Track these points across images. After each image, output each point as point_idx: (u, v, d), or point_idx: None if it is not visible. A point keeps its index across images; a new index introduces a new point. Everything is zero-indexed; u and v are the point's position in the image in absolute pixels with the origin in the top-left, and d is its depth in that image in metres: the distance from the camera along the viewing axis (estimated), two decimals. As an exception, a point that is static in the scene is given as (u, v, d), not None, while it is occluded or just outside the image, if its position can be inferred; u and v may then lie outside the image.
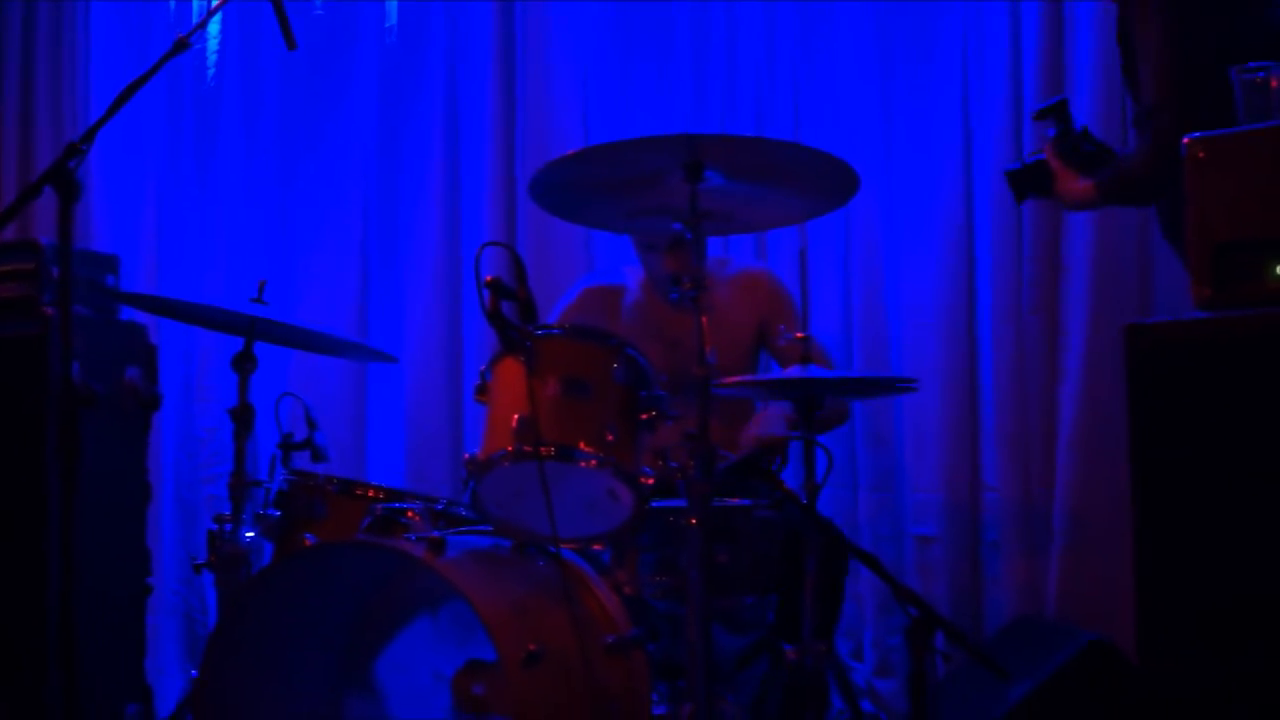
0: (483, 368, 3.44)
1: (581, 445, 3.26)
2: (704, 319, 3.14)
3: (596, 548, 3.62)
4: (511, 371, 3.31)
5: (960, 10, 5.00)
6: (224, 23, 5.84)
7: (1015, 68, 4.88)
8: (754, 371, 4.70)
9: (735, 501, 3.59)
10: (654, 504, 3.38)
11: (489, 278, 3.18)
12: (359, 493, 3.79)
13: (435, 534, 3.29)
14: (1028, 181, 4.06)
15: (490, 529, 3.53)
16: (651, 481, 3.31)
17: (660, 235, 4.28)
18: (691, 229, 3.21)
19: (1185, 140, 2.83)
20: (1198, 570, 2.67)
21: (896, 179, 5.06)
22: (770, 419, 4.30)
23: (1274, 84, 2.95)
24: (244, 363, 3.88)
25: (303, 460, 3.98)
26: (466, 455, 3.39)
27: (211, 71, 5.86)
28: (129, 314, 4.91)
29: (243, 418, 3.88)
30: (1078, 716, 3.90)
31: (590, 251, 5.40)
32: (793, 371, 3.59)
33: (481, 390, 3.43)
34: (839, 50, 5.16)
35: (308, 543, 3.71)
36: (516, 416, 3.24)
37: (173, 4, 5.89)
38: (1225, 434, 2.66)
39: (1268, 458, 2.62)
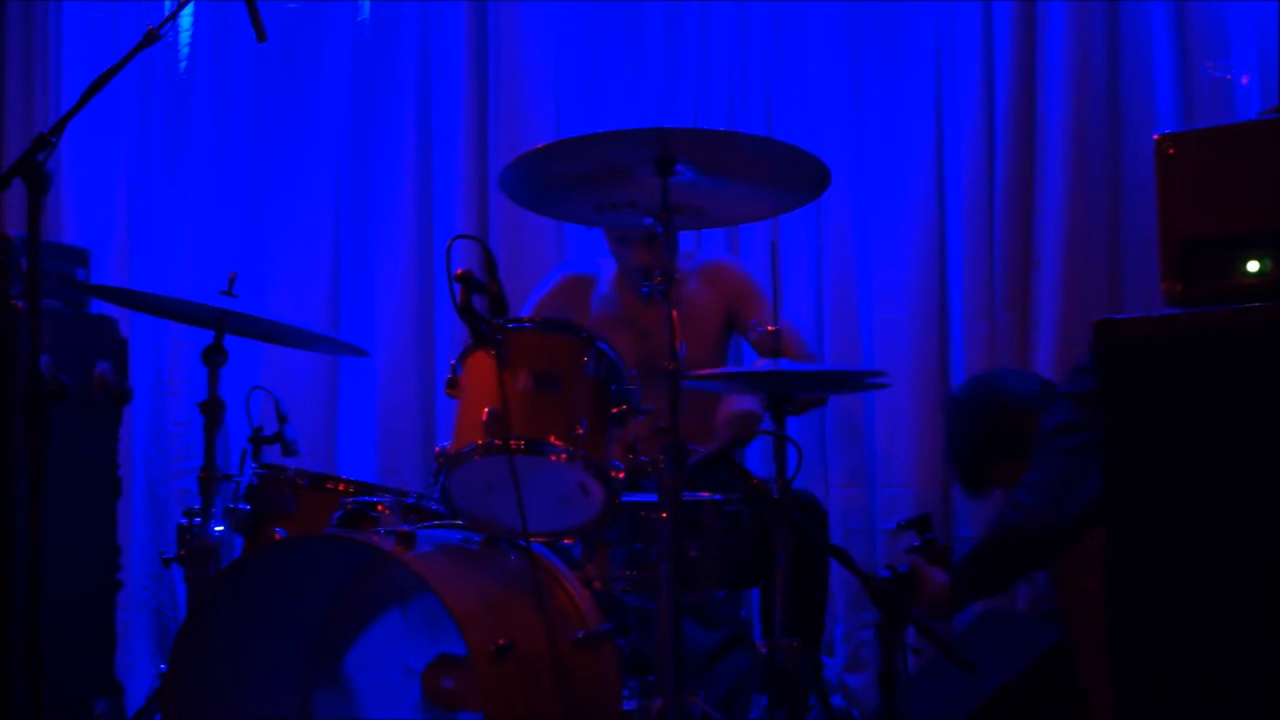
0: (453, 361, 3.43)
1: (552, 439, 3.24)
2: (674, 312, 3.14)
3: (567, 542, 3.61)
4: (482, 365, 3.30)
5: (932, 8, 5.01)
6: (196, 15, 5.82)
7: (987, 64, 4.89)
8: (723, 362, 4.71)
9: (706, 496, 3.59)
10: (624, 498, 3.37)
11: (459, 271, 3.16)
12: (329, 486, 3.79)
13: (405, 528, 3.28)
14: (899, 590, 3.95)
15: (461, 523, 3.52)
16: (622, 475, 3.30)
17: (632, 229, 4.28)
18: (662, 223, 3.21)
19: (1155, 137, 2.83)
20: (1168, 565, 2.67)
21: (869, 174, 5.07)
22: (743, 397, 4.31)
23: (1244, 81, 2.95)
24: (214, 356, 3.87)
25: (273, 454, 3.97)
26: (437, 449, 3.39)
27: (183, 64, 5.84)
28: (99, 307, 4.89)
29: (212, 411, 3.87)
30: (1048, 711, 3.91)
31: (562, 244, 5.40)
32: (763, 365, 3.59)
33: (452, 384, 3.41)
34: (811, 47, 5.18)
35: (277, 537, 3.70)
36: (487, 410, 3.22)
37: (145, -5, 5.88)
38: (1194, 429, 2.66)
39: (1237, 452, 2.63)
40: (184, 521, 3.85)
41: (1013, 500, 3.44)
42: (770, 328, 3.61)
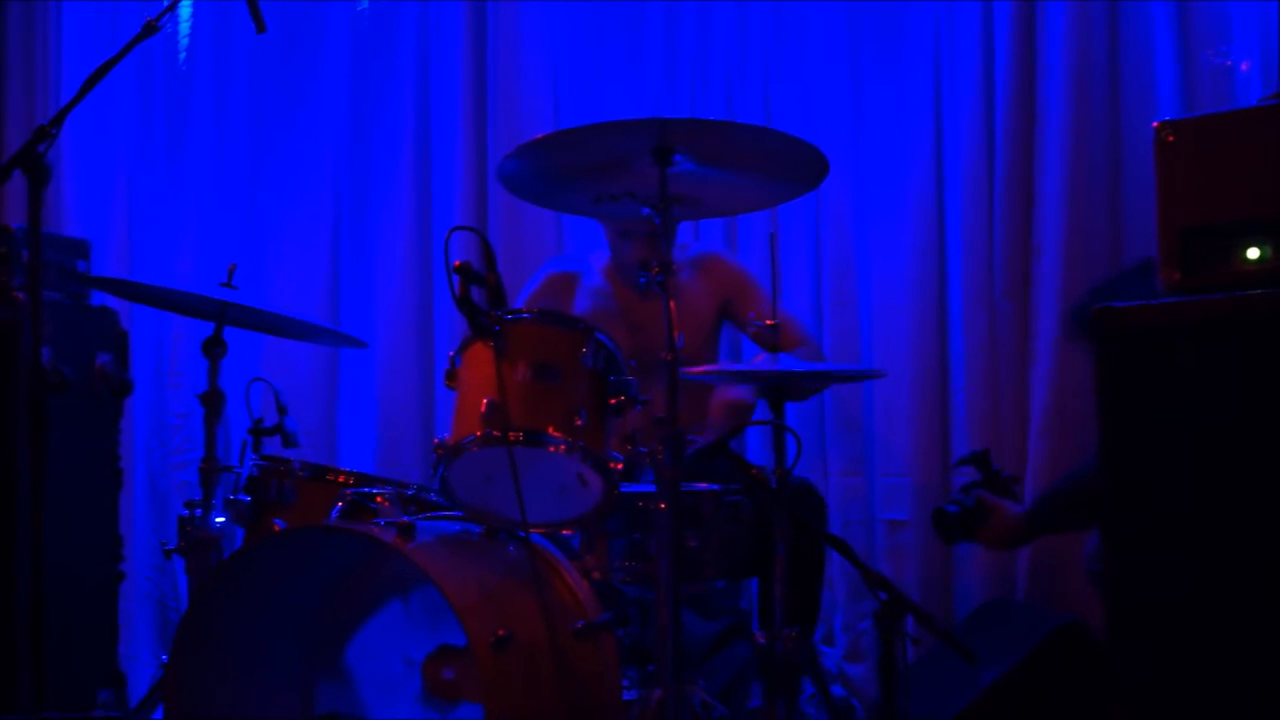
0: (452, 353, 3.43)
1: (550, 430, 3.25)
2: (671, 304, 3.14)
3: (566, 533, 3.62)
4: (481, 356, 3.30)
5: (931, -2, 5.01)
6: (195, 6, 5.81)
7: (987, 52, 4.88)
8: (715, 354, 4.72)
9: (705, 486, 3.59)
10: (623, 489, 3.37)
11: (457, 262, 3.16)
12: (329, 478, 3.80)
13: (405, 519, 3.28)
14: (960, 525, 4.08)
15: (460, 514, 3.52)
16: (620, 466, 3.31)
17: (635, 223, 4.28)
18: (660, 213, 3.21)
19: (1154, 124, 2.84)
20: (1166, 552, 2.68)
21: (867, 165, 5.07)
22: (736, 387, 4.32)
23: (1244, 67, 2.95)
24: (214, 348, 3.88)
25: (273, 445, 3.98)
26: (436, 440, 3.39)
27: (183, 55, 5.83)
28: (100, 299, 4.90)
29: (213, 403, 3.89)
30: (1048, 699, 3.92)
31: (561, 236, 5.40)
32: (760, 363, 3.59)
33: (451, 375, 3.41)
34: (810, 39, 5.16)
35: (278, 528, 3.71)
36: (485, 401, 3.23)
37: (146, -14, 5.87)
38: (1193, 416, 2.67)
39: (1235, 439, 2.63)
40: (185, 513, 3.87)
41: None
42: (769, 321, 3.61)
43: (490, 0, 5.49)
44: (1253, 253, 2.71)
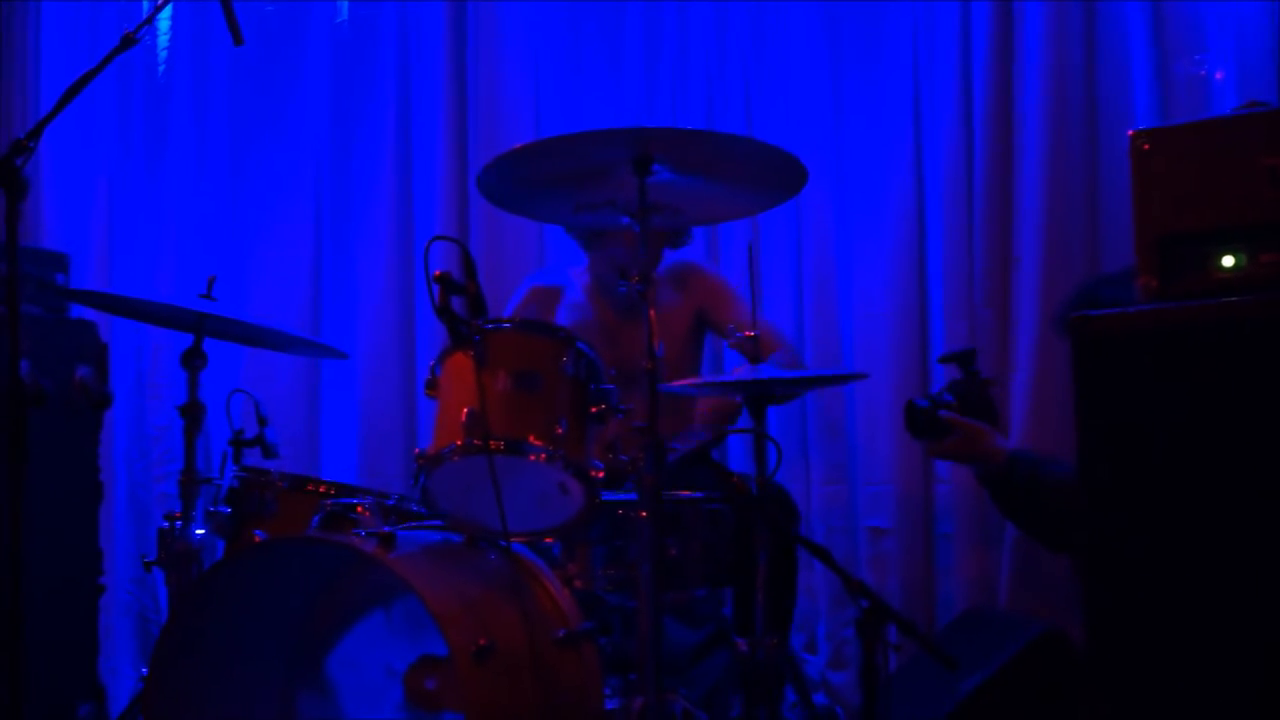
0: (433, 362, 3.43)
1: (531, 439, 3.25)
2: (651, 312, 3.15)
3: (547, 541, 3.62)
4: (461, 366, 3.30)
5: (910, 7, 5.02)
6: (174, 18, 5.81)
7: (965, 62, 4.89)
8: (696, 362, 4.73)
9: (686, 494, 3.59)
10: (604, 497, 3.38)
11: (438, 272, 3.17)
12: (309, 489, 3.80)
13: (386, 529, 3.28)
14: (929, 421, 4.09)
15: (441, 523, 3.52)
16: (601, 475, 3.31)
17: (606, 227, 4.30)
18: (640, 222, 3.21)
19: (1129, 133, 2.85)
20: (1145, 559, 2.69)
21: (848, 173, 5.08)
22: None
23: (1219, 76, 2.96)
24: (193, 359, 3.88)
25: (254, 457, 3.97)
26: (417, 450, 3.39)
27: (162, 67, 5.84)
28: (79, 311, 4.90)
29: (193, 415, 3.88)
30: (1029, 707, 3.92)
31: (543, 245, 5.41)
32: (742, 373, 3.60)
33: (432, 385, 3.42)
34: (790, 47, 5.18)
35: (258, 539, 3.70)
36: (466, 410, 3.23)
37: (124, -1, 5.87)
38: (1171, 423, 2.68)
39: (1212, 446, 2.64)
40: (165, 525, 3.86)
41: None
42: (749, 333, 3.62)
43: (471, 8, 5.50)
44: (1228, 260, 2.73)
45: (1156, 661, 2.66)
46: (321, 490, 3.77)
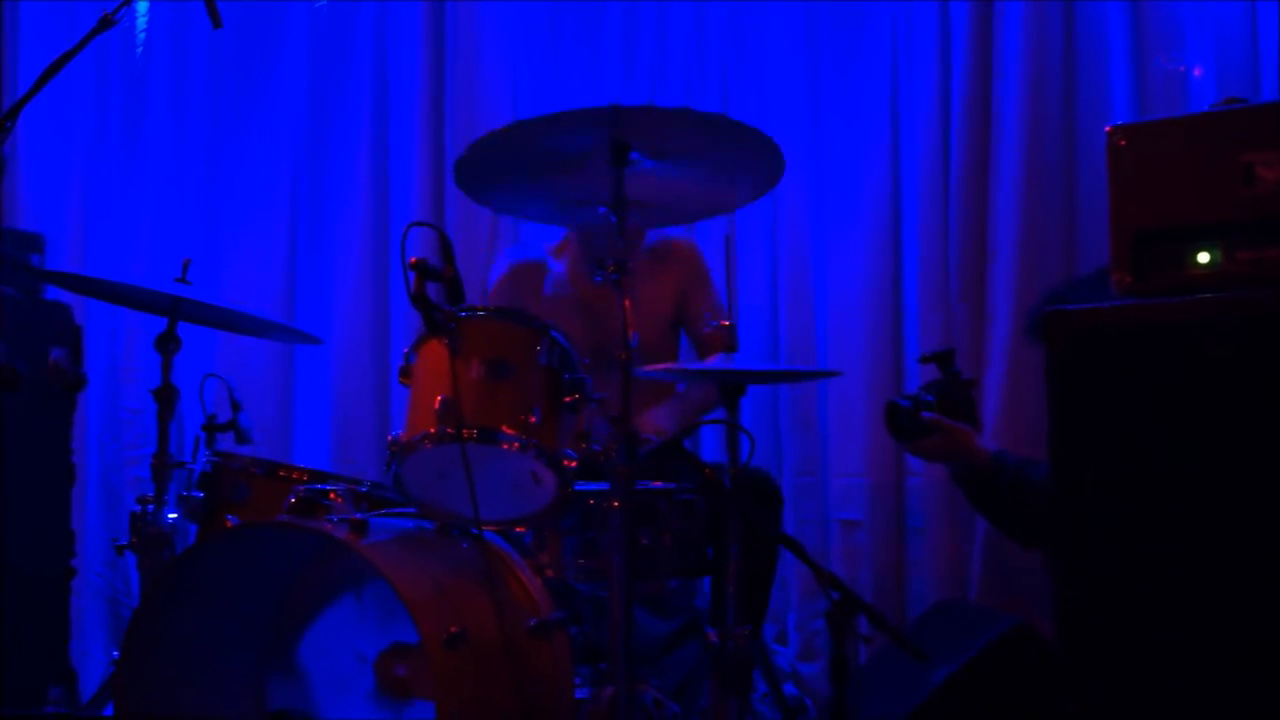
0: (407, 349, 3.42)
1: (504, 428, 3.24)
2: (626, 302, 3.14)
3: (519, 530, 3.62)
4: (435, 353, 3.29)
5: (889, 2, 5.03)
6: (153, 1, 5.79)
7: (944, 56, 4.90)
8: (675, 348, 4.72)
9: (659, 484, 3.59)
10: (577, 486, 3.37)
11: (413, 259, 3.16)
12: (282, 474, 3.79)
13: (358, 516, 3.27)
14: (910, 422, 4.09)
15: (413, 511, 3.52)
16: (574, 464, 3.30)
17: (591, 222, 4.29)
18: (617, 214, 3.20)
19: (1107, 129, 2.85)
20: (1117, 554, 2.69)
21: (825, 167, 5.09)
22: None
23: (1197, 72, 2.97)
24: (167, 343, 3.87)
25: (227, 442, 3.96)
26: (390, 437, 3.37)
27: (140, 50, 5.81)
28: (54, 293, 4.88)
29: (166, 399, 3.87)
30: (998, 699, 3.93)
31: (518, 232, 5.40)
32: (717, 362, 3.60)
33: (406, 372, 3.41)
34: (769, 40, 5.19)
35: (230, 524, 3.69)
36: (439, 398, 3.22)
37: (103, -21, 5.84)
38: (1144, 419, 2.68)
39: (1185, 443, 2.65)
40: (137, 509, 3.84)
41: None
42: (725, 322, 3.62)
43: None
44: (1203, 257, 2.73)
45: (1126, 656, 2.67)
46: (294, 476, 3.77)
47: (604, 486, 3.32)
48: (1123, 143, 2.82)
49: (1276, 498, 2.54)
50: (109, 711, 3.61)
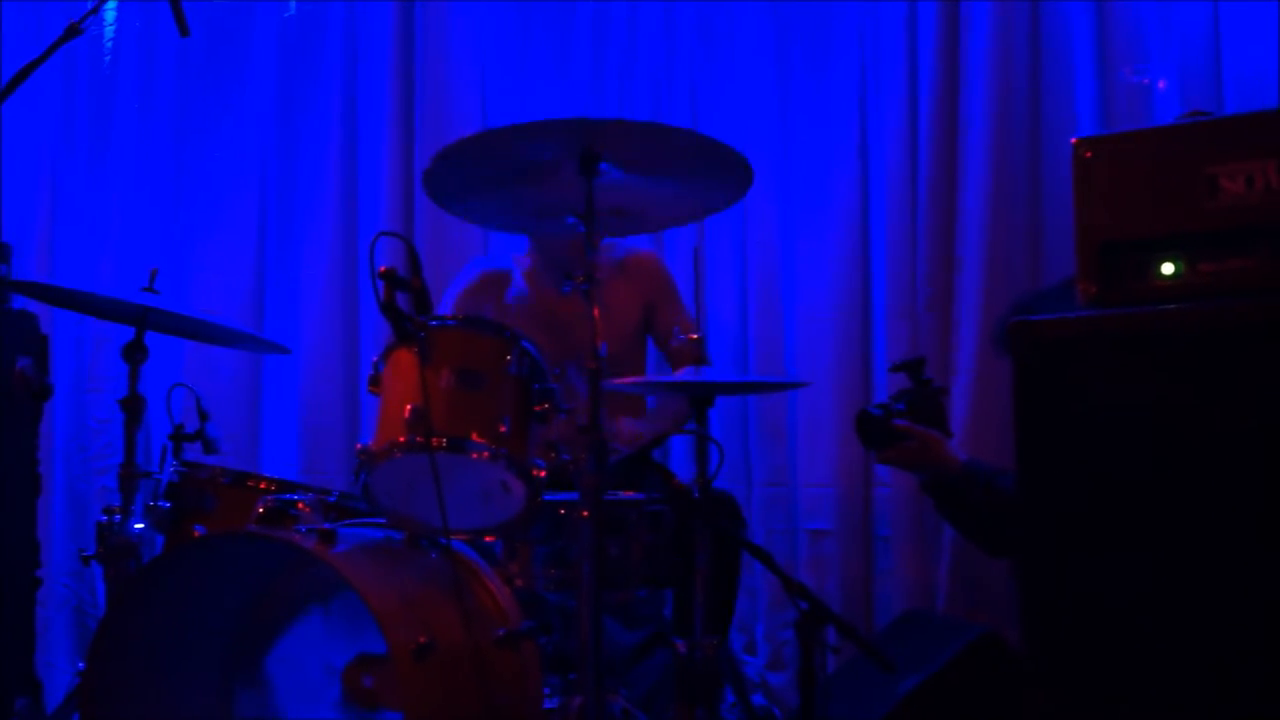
0: (376, 359, 3.42)
1: (474, 437, 3.24)
2: (595, 311, 3.14)
3: (488, 540, 3.62)
4: (405, 362, 3.29)
5: (857, 9, 5.05)
6: (120, 9, 5.78)
7: (911, 66, 4.92)
8: (642, 357, 4.72)
9: (627, 495, 3.59)
10: (546, 496, 3.37)
11: (382, 268, 3.16)
12: (250, 484, 3.77)
13: (326, 526, 3.27)
14: (881, 430, 4.11)
15: (382, 521, 3.51)
16: (544, 474, 3.30)
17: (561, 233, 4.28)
18: (586, 223, 3.20)
19: (1072, 140, 2.87)
20: (1084, 564, 2.70)
21: (794, 175, 5.10)
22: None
23: (1161, 85, 2.98)
24: (134, 353, 3.85)
25: (194, 451, 3.94)
26: (359, 446, 3.36)
27: (108, 58, 5.80)
28: (20, 302, 4.85)
29: (133, 408, 3.85)
30: (966, 709, 3.94)
31: (487, 241, 5.40)
32: (686, 374, 3.60)
33: (375, 381, 3.40)
34: (738, 48, 5.20)
35: (197, 534, 3.68)
36: (409, 407, 3.21)
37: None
38: (1110, 429, 2.70)
39: (1150, 453, 2.66)
40: (104, 519, 3.82)
41: None
42: (694, 336, 3.62)
43: (419, 5, 5.49)
44: (1167, 268, 2.74)
45: (1093, 666, 2.68)
46: (262, 486, 3.75)
47: (573, 496, 3.32)
48: (1088, 154, 2.83)
49: (1242, 506, 2.55)
50: (75, 722, 3.60)
